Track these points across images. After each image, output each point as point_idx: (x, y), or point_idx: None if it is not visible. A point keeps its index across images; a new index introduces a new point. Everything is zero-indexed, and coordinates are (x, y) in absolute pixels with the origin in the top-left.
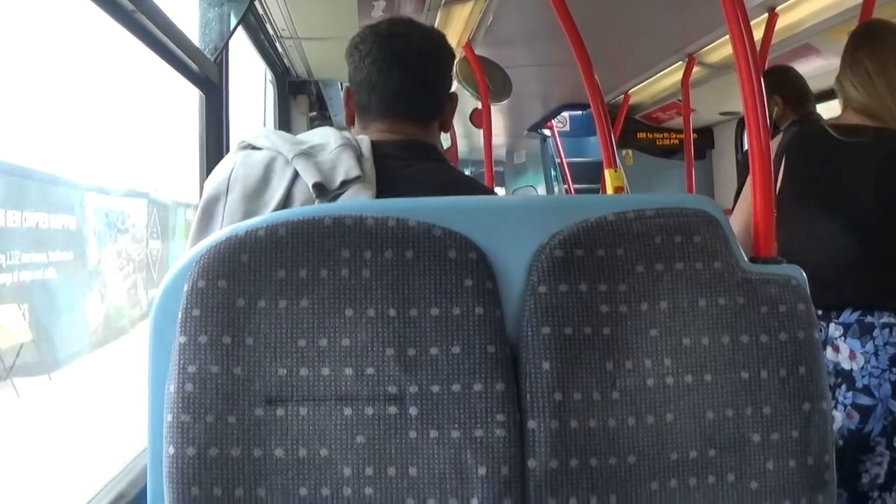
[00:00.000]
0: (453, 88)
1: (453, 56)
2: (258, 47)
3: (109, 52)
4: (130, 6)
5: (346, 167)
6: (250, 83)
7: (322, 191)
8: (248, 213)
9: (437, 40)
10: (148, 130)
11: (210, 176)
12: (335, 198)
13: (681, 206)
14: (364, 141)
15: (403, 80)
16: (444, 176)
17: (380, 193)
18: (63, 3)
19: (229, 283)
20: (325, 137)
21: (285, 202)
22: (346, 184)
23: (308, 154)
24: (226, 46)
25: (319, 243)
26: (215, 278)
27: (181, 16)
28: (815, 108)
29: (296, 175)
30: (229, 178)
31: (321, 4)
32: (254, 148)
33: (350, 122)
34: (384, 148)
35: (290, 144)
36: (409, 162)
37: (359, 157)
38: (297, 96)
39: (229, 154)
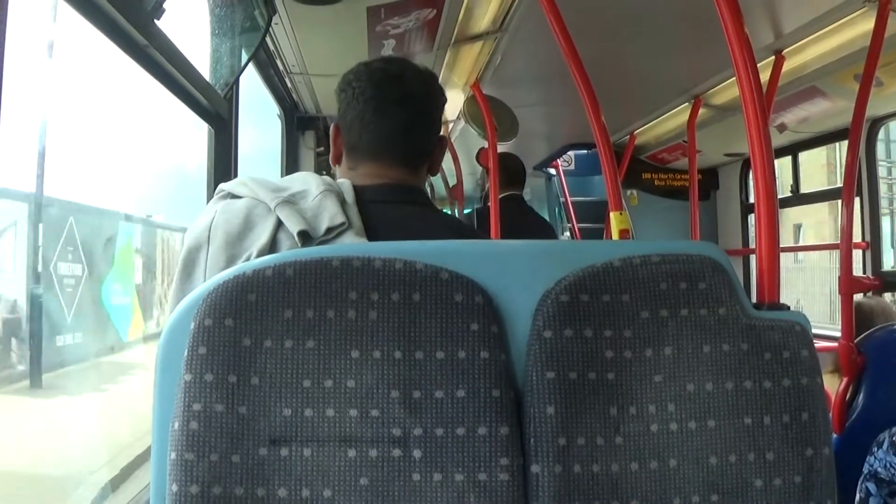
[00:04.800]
0: (461, 127)
1: (444, 98)
2: (267, 82)
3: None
4: (143, 41)
5: (330, 214)
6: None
7: (307, 239)
8: (231, 260)
9: (429, 82)
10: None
11: (191, 226)
12: (320, 245)
13: (686, 253)
14: (346, 185)
15: (396, 121)
16: (429, 219)
17: None
18: (77, 37)
19: (236, 322)
20: (305, 184)
21: (270, 249)
22: (331, 231)
23: (290, 202)
24: (236, 82)
25: (327, 284)
26: (222, 317)
27: (192, 50)
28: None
29: (279, 222)
30: (210, 227)
31: (331, 41)
32: (234, 196)
33: (336, 161)
34: (368, 193)
35: (270, 192)
36: (394, 206)
37: (342, 203)
38: (304, 132)
39: (209, 203)
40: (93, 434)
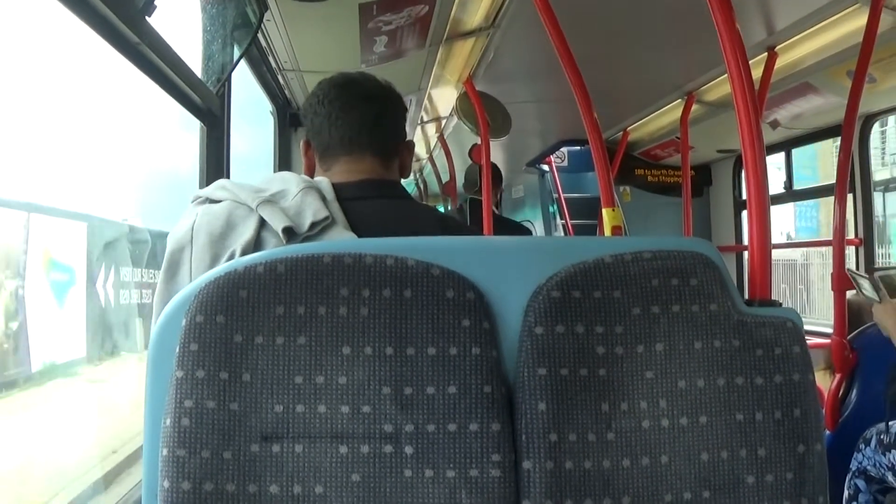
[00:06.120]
0: (454, 124)
1: (405, 108)
2: (259, 79)
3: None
4: (134, 38)
5: (313, 209)
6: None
7: (291, 235)
8: (215, 258)
9: (389, 87)
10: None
11: (172, 230)
12: (305, 241)
13: (678, 249)
14: (324, 183)
15: (363, 114)
16: (409, 212)
17: None
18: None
19: (227, 319)
20: (284, 184)
21: (255, 248)
22: (315, 226)
23: (271, 201)
24: (228, 78)
25: (318, 281)
26: (213, 313)
27: (183, 46)
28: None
29: (262, 222)
30: (192, 229)
31: (324, 38)
32: (212, 201)
33: (310, 173)
34: (345, 189)
35: (250, 193)
36: (373, 201)
37: (323, 199)
38: (297, 128)
39: (188, 210)
40: None
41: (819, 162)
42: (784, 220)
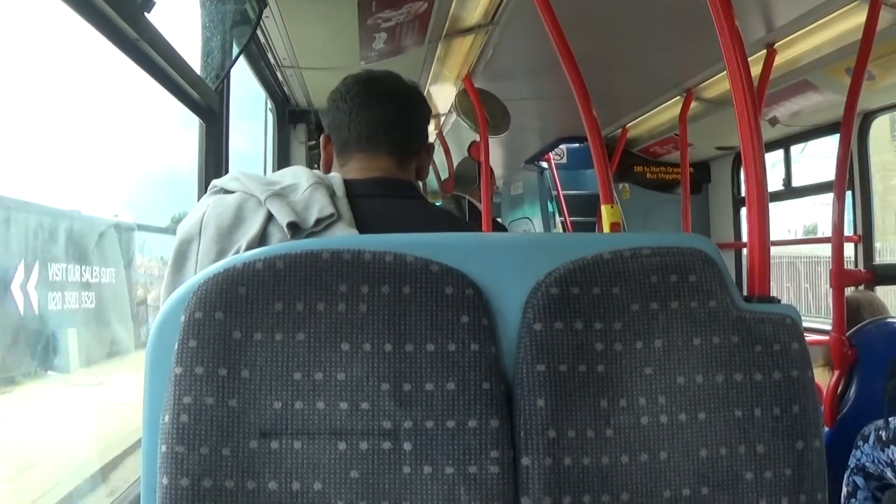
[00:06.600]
0: (453, 120)
1: (429, 109)
2: (258, 76)
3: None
4: (133, 34)
5: (319, 206)
6: None
7: (297, 230)
8: (222, 252)
9: (414, 88)
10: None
11: (183, 220)
12: (310, 237)
13: (677, 245)
14: (336, 178)
15: (382, 112)
16: (420, 212)
17: None
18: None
19: (226, 315)
20: (296, 177)
21: (261, 241)
22: (320, 222)
23: (280, 195)
24: (227, 75)
25: (317, 277)
26: (212, 310)
27: (182, 43)
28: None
29: (270, 215)
30: (202, 221)
31: (323, 35)
32: (226, 192)
33: (327, 167)
34: (357, 187)
35: (261, 186)
36: (384, 200)
37: (332, 196)
38: (296, 125)
39: (202, 199)
40: None
41: None
42: (815, 214)
